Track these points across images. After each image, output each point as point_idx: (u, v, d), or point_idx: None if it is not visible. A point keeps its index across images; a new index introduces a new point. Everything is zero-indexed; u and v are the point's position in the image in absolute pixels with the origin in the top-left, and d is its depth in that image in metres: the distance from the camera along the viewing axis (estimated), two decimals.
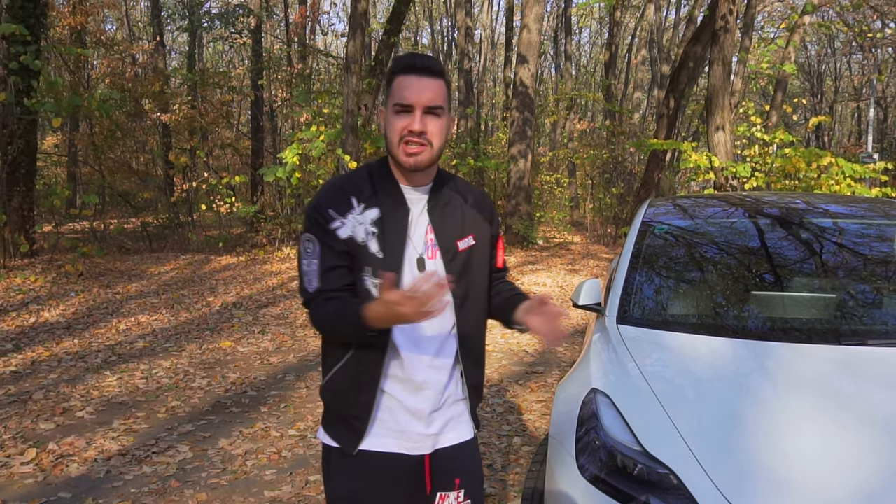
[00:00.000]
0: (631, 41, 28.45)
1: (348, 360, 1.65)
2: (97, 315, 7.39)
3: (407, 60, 1.61)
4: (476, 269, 1.74)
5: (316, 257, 1.63)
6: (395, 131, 1.60)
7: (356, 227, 1.62)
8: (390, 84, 1.63)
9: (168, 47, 24.77)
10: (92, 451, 3.88)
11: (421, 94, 1.57)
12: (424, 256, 1.66)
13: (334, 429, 1.71)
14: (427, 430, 1.68)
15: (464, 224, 1.73)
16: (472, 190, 1.81)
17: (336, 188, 1.66)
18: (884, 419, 1.93)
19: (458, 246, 1.70)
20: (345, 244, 1.61)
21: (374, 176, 1.68)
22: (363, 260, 1.62)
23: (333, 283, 1.62)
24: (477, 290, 1.75)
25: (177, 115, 14.98)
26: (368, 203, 1.64)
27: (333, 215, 1.62)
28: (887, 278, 2.98)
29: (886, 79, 29.14)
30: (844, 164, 9.38)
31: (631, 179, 17.65)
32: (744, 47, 16.29)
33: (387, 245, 1.62)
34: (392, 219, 1.64)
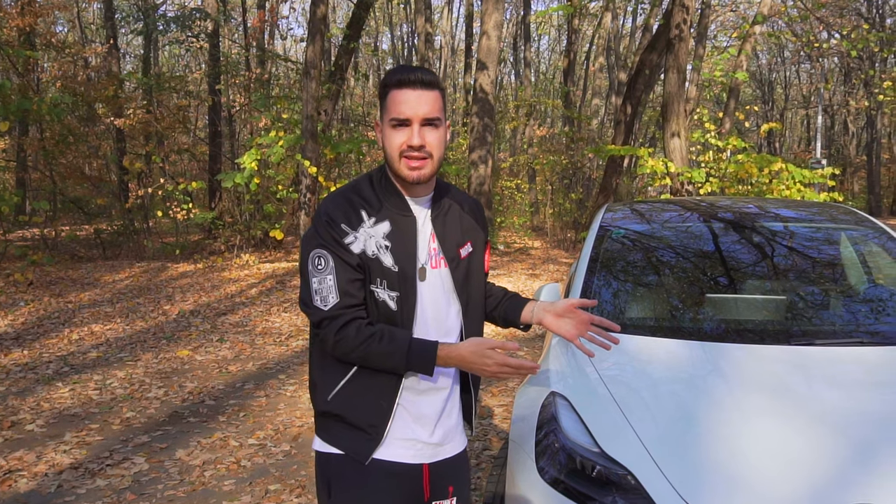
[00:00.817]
0: (589, 48, 28.87)
1: (358, 372, 1.64)
2: (48, 325, 7.18)
3: (400, 74, 1.60)
4: (475, 274, 1.77)
5: (331, 273, 1.60)
6: (394, 147, 1.60)
7: (367, 241, 1.61)
8: (384, 98, 1.62)
9: (122, 50, 24.25)
10: (42, 466, 3.77)
11: (418, 108, 1.57)
12: (427, 266, 1.67)
13: (344, 438, 1.67)
14: (430, 439, 1.70)
15: (463, 231, 1.76)
16: (467, 197, 1.83)
17: (346, 201, 1.65)
18: (831, 417, 1.99)
19: (460, 253, 1.73)
20: (358, 258, 1.61)
21: (377, 187, 1.67)
22: (375, 273, 1.62)
23: (355, 297, 1.61)
24: (477, 295, 1.79)
25: (131, 119, 14.65)
26: (379, 216, 1.63)
27: (346, 230, 1.61)
28: (834, 280, 3.08)
29: (833, 88, 30.13)
30: (794, 170, 9.66)
31: (590, 185, 17.89)
32: (698, 56, 16.68)
33: (400, 258, 1.63)
34: (400, 231, 1.64)
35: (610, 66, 25.82)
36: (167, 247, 13.06)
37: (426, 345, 1.59)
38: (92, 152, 15.55)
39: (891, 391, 2.18)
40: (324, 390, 1.68)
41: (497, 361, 1.55)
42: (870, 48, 21.49)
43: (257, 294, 9.12)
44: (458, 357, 1.58)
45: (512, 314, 1.87)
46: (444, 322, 1.70)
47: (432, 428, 1.70)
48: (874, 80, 23.74)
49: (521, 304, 1.86)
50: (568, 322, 1.76)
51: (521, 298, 1.89)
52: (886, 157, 33.63)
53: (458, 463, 1.78)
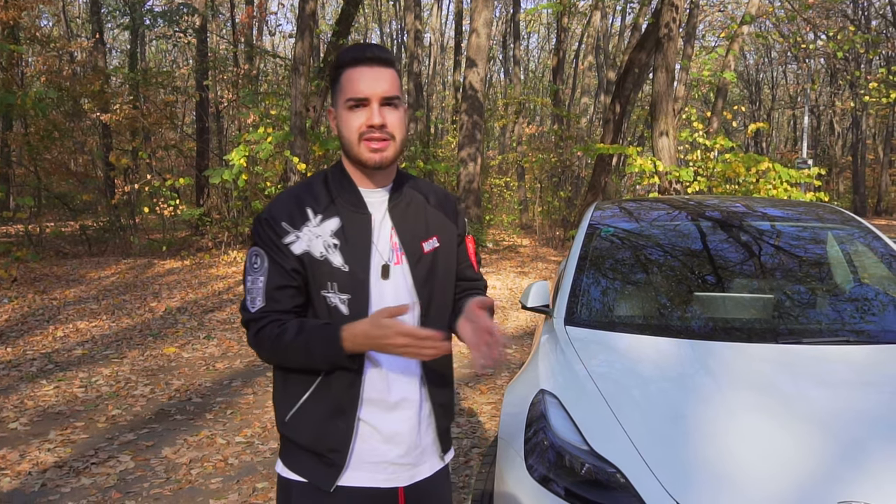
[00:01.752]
0: (578, 47, 28.92)
1: (317, 388, 1.51)
2: (32, 322, 7.11)
3: (355, 52, 1.49)
4: (442, 272, 1.62)
5: (262, 273, 1.50)
6: (352, 129, 1.48)
7: (313, 241, 1.50)
8: (337, 80, 1.51)
9: (108, 45, 24.04)
10: (26, 464, 3.73)
11: (376, 85, 1.46)
12: (390, 263, 1.54)
13: (304, 464, 1.55)
14: (402, 459, 1.56)
15: (427, 224, 1.61)
16: (435, 189, 1.69)
17: (290, 198, 1.54)
18: (818, 415, 2.00)
19: (422, 248, 1.58)
20: (298, 261, 1.49)
21: (331, 183, 1.56)
22: (325, 275, 1.49)
23: (281, 304, 1.50)
24: (442, 295, 1.63)
25: (118, 115, 14.53)
26: (326, 213, 1.52)
27: (287, 228, 1.50)
28: (820, 279, 3.10)
29: (819, 88, 30.37)
30: (781, 170, 9.73)
31: (578, 183, 17.94)
32: (686, 55, 16.75)
33: (351, 257, 1.51)
34: (354, 227, 1.52)
35: (599, 65, 25.88)
36: (154, 243, 12.97)
37: (331, 328, 1.44)
38: (77, 148, 15.41)
39: (877, 390, 2.19)
40: (281, 409, 1.56)
41: (397, 331, 1.36)
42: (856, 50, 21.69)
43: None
44: (361, 333, 1.40)
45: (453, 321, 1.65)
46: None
47: (405, 447, 1.56)
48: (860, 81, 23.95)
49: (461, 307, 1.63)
50: (470, 326, 1.53)
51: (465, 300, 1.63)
52: (871, 157, 33.96)
53: (437, 482, 1.65)
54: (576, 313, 2.74)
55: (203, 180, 13.83)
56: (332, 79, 1.53)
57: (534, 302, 2.97)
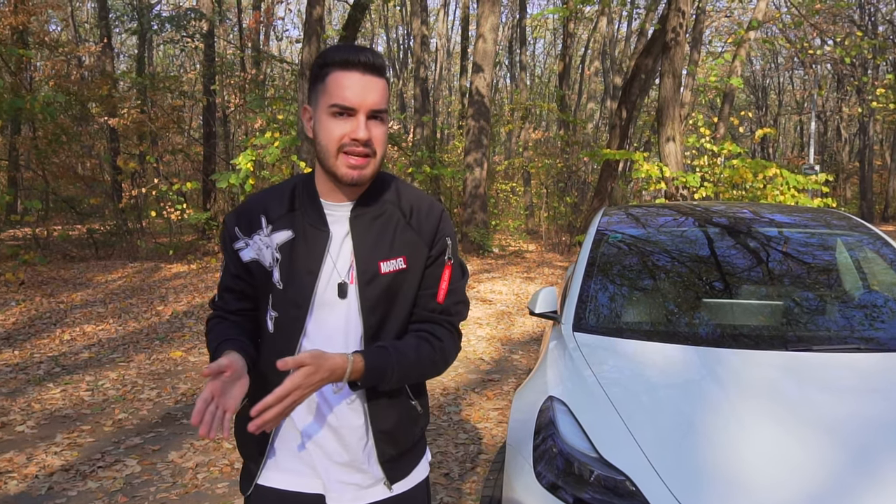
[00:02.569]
0: (584, 52, 28.94)
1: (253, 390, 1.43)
2: (39, 325, 7.13)
3: (347, 53, 1.35)
4: (401, 298, 1.45)
5: (224, 272, 1.52)
6: (332, 139, 1.35)
7: (262, 251, 1.43)
8: (322, 79, 1.37)
9: (116, 50, 24.18)
10: (33, 467, 3.73)
11: (366, 95, 1.34)
12: (347, 281, 1.42)
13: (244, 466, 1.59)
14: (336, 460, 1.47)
15: (394, 243, 1.44)
16: (420, 204, 1.49)
17: (253, 203, 1.49)
18: (828, 423, 1.99)
19: (380, 267, 1.42)
20: (245, 268, 1.45)
21: (297, 191, 1.46)
22: (266, 288, 1.44)
23: (227, 304, 1.51)
24: (395, 323, 1.46)
25: (125, 119, 14.61)
26: (278, 224, 1.43)
27: (238, 234, 1.46)
28: (829, 286, 3.08)
29: (826, 94, 30.30)
30: (788, 176, 9.69)
31: (585, 189, 17.93)
32: (693, 61, 16.74)
33: (289, 275, 1.42)
34: (305, 244, 1.41)
35: (605, 70, 25.90)
36: (161, 247, 13.00)
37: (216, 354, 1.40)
38: (85, 152, 15.48)
39: (886, 397, 2.18)
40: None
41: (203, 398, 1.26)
42: (863, 55, 21.63)
43: None
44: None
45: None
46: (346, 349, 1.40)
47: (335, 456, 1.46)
48: (867, 86, 23.89)
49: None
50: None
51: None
52: (878, 163, 33.83)
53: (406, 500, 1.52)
54: (584, 319, 2.74)
55: (210, 184, 13.88)
56: (314, 76, 1.39)
57: (542, 308, 2.97)
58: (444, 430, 4.38)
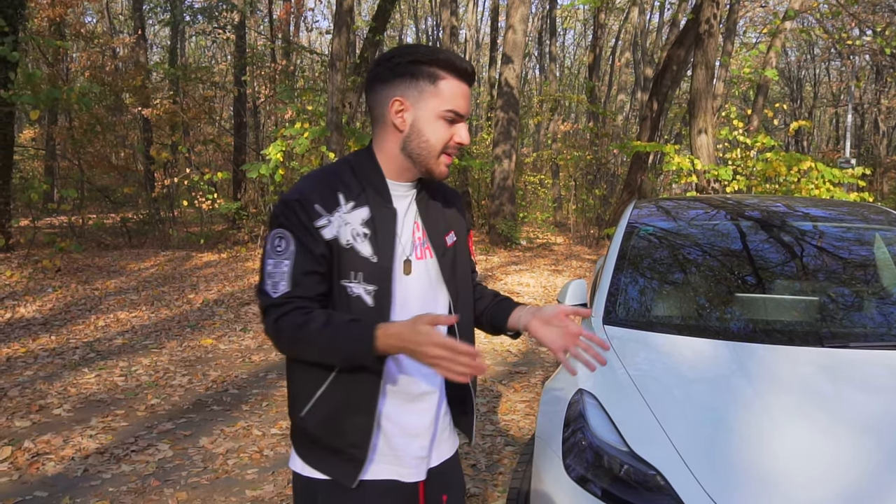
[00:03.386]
0: (615, 43, 28.61)
1: (334, 381, 1.46)
2: (75, 311, 7.29)
3: (459, 62, 1.46)
4: (461, 266, 1.63)
5: (288, 257, 1.42)
6: (441, 140, 1.47)
7: (342, 228, 1.44)
8: (433, 80, 1.44)
9: (149, 41, 24.50)
10: (69, 450, 3.82)
11: (468, 104, 1.49)
12: (412, 258, 1.52)
13: (323, 461, 1.50)
14: (423, 453, 1.55)
15: (446, 219, 1.62)
16: (441, 184, 1.67)
17: (322, 181, 1.48)
18: (864, 421, 1.95)
19: (446, 241, 1.58)
20: (326, 246, 1.43)
21: (358, 171, 1.51)
22: (349, 265, 1.44)
23: (307, 290, 1.42)
24: (465, 287, 1.64)
25: (158, 109, 14.81)
26: (357, 201, 1.47)
27: (320, 211, 1.43)
28: (867, 281, 3.02)
29: (864, 86, 29.58)
30: (824, 169, 9.50)
31: (614, 181, 17.77)
32: (726, 52, 16.44)
33: (379, 248, 1.46)
34: (381, 219, 1.48)
35: (636, 62, 25.57)
36: (192, 236, 13.19)
37: (363, 326, 1.36)
38: (119, 142, 15.75)
39: None
40: (297, 404, 1.50)
41: (434, 340, 1.28)
42: None
43: None
44: (395, 335, 1.33)
45: (500, 319, 1.66)
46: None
47: (427, 441, 1.55)
48: None
49: (510, 308, 1.65)
50: (555, 332, 1.52)
51: (511, 302, 1.69)
52: None
53: (449, 468, 1.64)
54: (614, 312, 2.71)
55: (240, 175, 14.02)
56: (416, 73, 1.45)
57: (571, 300, 2.95)
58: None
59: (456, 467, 1.69)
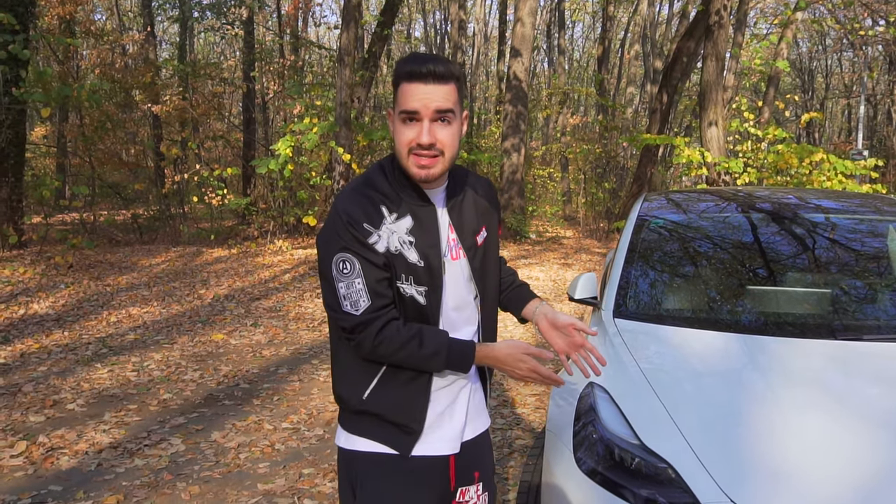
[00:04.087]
0: (624, 36, 28.44)
1: (389, 368, 1.60)
2: (87, 307, 7.34)
3: (410, 66, 1.50)
4: (490, 259, 1.73)
5: (358, 276, 1.52)
6: (402, 142, 1.53)
7: (390, 238, 1.54)
8: (396, 87, 1.55)
9: (158, 38, 24.56)
10: (83, 444, 3.86)
11: (428, 101, 1.49)
12: (445, 259, 1.62)
13: (380, 433, 1.63)
14: (459, 427, 1.67)
15: (478, 216, 1.70)
16: (479, 179, 1.77)
17: (363, 198, 1.56)
18: (878, 414, 1.94)
19: (477, 241, 1.68)
20: (384, 257, 1.54)
21: (391, 179, 1.59)
22: (401, 269, 1.56)
23: (385, 296, 1.55)
24: (493, 280, 1.75)
25: (168, 106, 14.88)
26: (400, 211, 1.57)
27: (369, 229, 1.53)
28: (880, 274, 2.99)
29: (877, 76, 29.29)
30: (836, 161, 9.43)
31: (623, 174, 17.68)
32: (736, 43, 16.32)
33: (424, 252, 1.57)
34: (422, 224, 1.58)
35: (645, 54, 25.43)
36: (202, 232, 13.24)
37: (464, 346, 1.58)
38: (129, 138, 15.83)
39: None
40: (357, 389, 1.63)
41: (530, 367, 1.58)
42: None
43: (290, 280, 9.21)
44: (493, 358, 1.59)
45: (515, 305, 1.83)
46: (464, 312, 1.68)
47: (462, 417, 1.68)
48: None
49: (527, 298, 1.82)
50: (561, 338, 1.72)
51: (528, 292, 1.85)
52: None
53: (480, 445, 1.75)
54: (625, 305, 2.70)
55: (250, 170, 14.07)
56: (392, 84, 1.57)
57: (581, 294, 2.94)
58: None
59: (487, 444, 1.79)
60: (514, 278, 1.89)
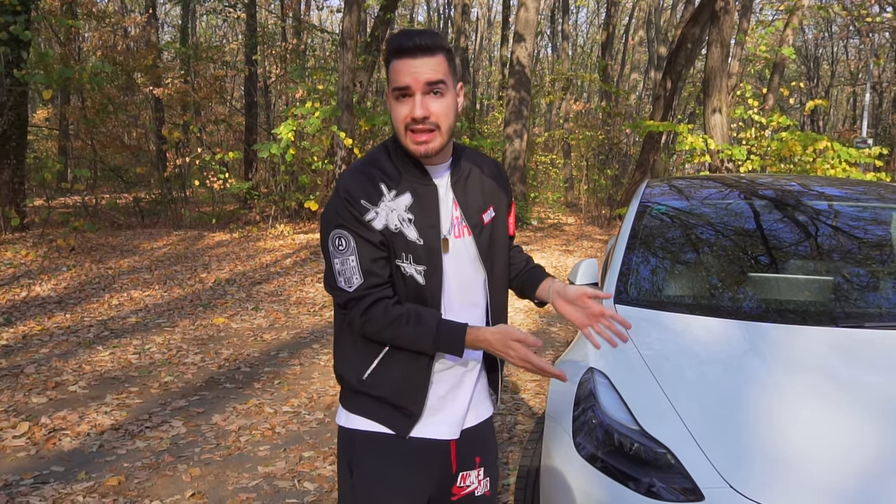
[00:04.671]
0: (628, 22, 28.26)
1: (391, 350, 1.60)
2: (89, 290, 7.36)
3: (396, 42, 1.50)
4: (499, 240, 1.70)
5: (352, 253, 1.54)
6: (398, 120, 1.53)
7: (389, 215, 1.55)
8: (388, 67, 1.54)
9: (160, 20, 24.44)
10: (85, 426, 3.88)
11: (417, 76, 1.48)
12: (449, 236, 1.61)
13: (379, 413, 1.63)
14: (461, 412, 1.67)
15: (484, 195, 1.68)
16: (486, 159, 1.75)
17: (363, 175, 1.57)
18: (879, 402, 1.94)
19: (483, 219, 1.66)
20: (381, 235, 1.54)
21: (394, 158, 1.60)
22: (401, 247, 1.56)
23: (378, 276, 1.55)
24: (502, 262, 1.72)
25: (170, 89, 14.82)
26: (399, 188, 1.56)
27: (367, 206, 1.54)
28: (882, 261, 2.98)
29: (883, 64, 29.10)
30: (840, 149, 9.38)
31: (626, 161, 17.63)
32: (742, 30, 16.20)
33: (424, 230, 1.57)
34: (422, 202, 1.58)
35: (650, 40, 25.26)
36: (204, 216, 13.25)
37: (454, 328, 1.54)
38: (131, 121, 15.79)
39: None
40: (356, 370, 1.63)
41: (520, 355, 1.51)
42: None
43: (292, 264, 9.21)
44: (485, 341, 1.54)
45: (529, 288, 1.79)
46: (470, 293, 1.65)
47: (465, 402, 1.68)
48: None
49: (540, 278, 1.78)
50: (580, 311, 1.64)
51: (542, 273, 1.81)
52: None
53: (483, 431, 1.75)
54: (626, 292, 2.70)
55: (251, 154, 14.04)
56: (385, 64, 1.56)
57: (582, 280, 2.94)
58: None
59: (490, 431, 1.79)
60: (526, 259, 1.86)
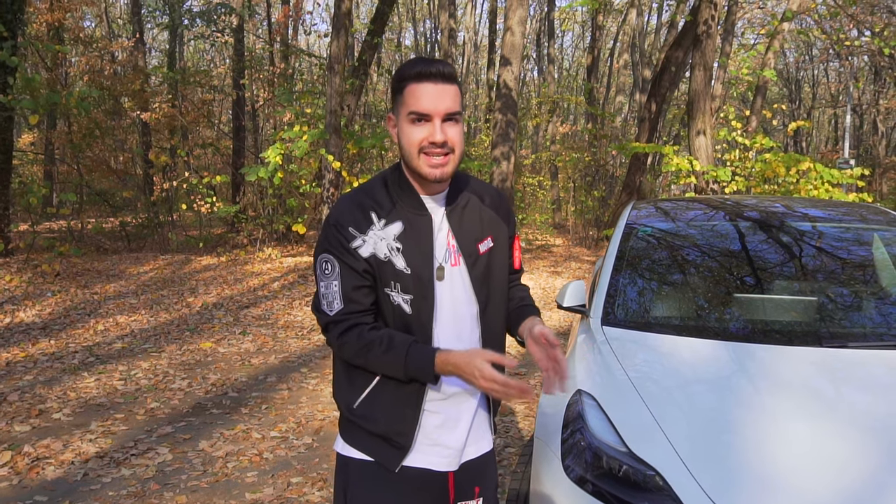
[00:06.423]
0: (613, 45, 28.65)
1: (383, 379, 1.59)
2: (74, 315, 7.29)
3: (420, 67, 1.52)
4: (496, 271, 1.69)
5: (336, 279, 1.56)
6: (413, 142, 1.53)
7: (378, 244, 1.56)
8: (400, 91, 1.55)
9: (148, 45, 24.51)
10: (69, 454, 3.82)
11: (439, 102, 1.50)
12: (445, 264, 1.61)
13: (369, 445, 1.64)
14: (458, 445, 1.66)
15: (482, 225, 1.68)
16: (488, 189, 1.74)
17: (353, 204, 1.59)
18: (864, 421, 1.95)
19: (479, 249, 1.65)
20: (366, 263, 1.55)
21: (391, 186, 1.61)
22: (389, 276, 1.56)
23: (359, 304, 1.57)
24: (498, 293, 1.70)
25: (157, 113, 14.83)
26: (389, 217, 1.58)
27: (354, 233, 1.56)
28: (865, 281, 3.02)
29: (862, 86, 29.61)
30: (823, 170, 9.49)
31: (612, 182, 17.77)
32: (724, 53, 16.46)
33: (412, 260, 1.57)
34: (415, 231, 1.58)
35: (634, 63, 25.60)
36: (191, 240, 13.19)
37: (423, 352, 1.52)
38: (118, 146, 15.76)
39: None
40: (349, 397, 1.64)
41: (485, 375, 1.45)
42: None
43: (279, 288, 9.18)
44: (453, 365, 1.50)
45: (513, 326, 1.77)
46: (461, 323, 1.64)
47: (462, 435, 1.66)
48: None
49: (524, 316, 1.74)
50: (540, 350, 1.59)
51: (528, 311, 1.77)
52: None
53: (484, 463, 1.73)
54: (612, 313, 2.71)
55: (239, 178, 14.02)
56: (394, 89, 1.57)
57: (570, 301, 2.95)
58: None
59: (491, 463, 1.78)
60: (521, 297, 1.82)
